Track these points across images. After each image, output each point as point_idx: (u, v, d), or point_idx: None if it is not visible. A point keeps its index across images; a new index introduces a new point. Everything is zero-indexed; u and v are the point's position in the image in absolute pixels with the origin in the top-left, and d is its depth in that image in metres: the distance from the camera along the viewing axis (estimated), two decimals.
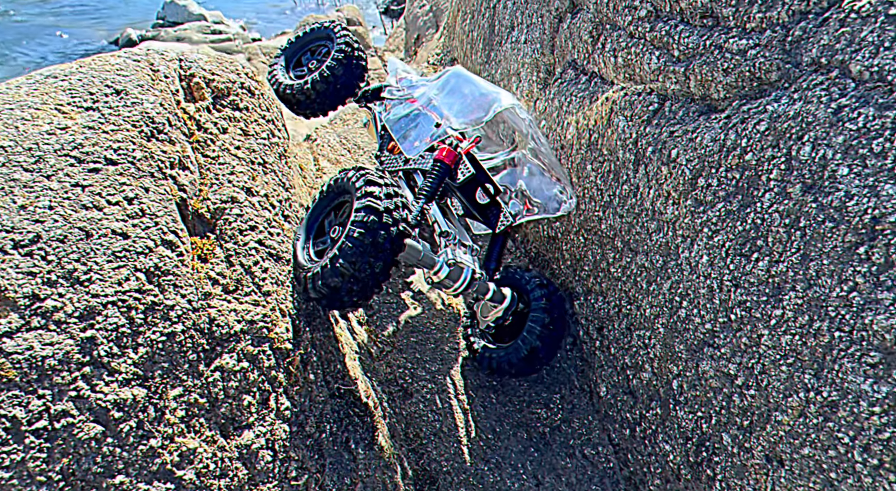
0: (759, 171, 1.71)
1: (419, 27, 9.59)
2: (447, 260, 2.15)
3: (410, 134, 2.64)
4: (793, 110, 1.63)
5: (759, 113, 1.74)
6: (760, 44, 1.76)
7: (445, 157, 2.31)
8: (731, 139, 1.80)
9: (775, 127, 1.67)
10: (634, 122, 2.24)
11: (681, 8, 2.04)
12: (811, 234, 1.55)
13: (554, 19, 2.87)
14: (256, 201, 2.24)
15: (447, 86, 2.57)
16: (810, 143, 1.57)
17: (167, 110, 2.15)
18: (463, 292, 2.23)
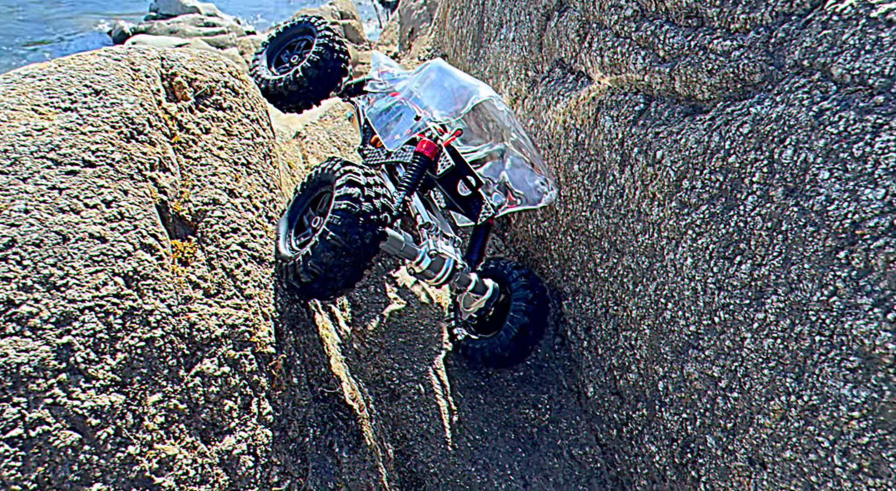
0: (742, 174, 1.70)
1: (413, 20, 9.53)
2: (429, 251, 2.16)
3: (392, 127, 2.65)
4: (775, 113, 1.62)
5: (742, 115, 1.72)
6: (744, 45, 1.75)
7: (426, 150, 2.32)
8: (715, 141, 1.79)
9: (758, 130, 1.66)
10: (620, 123, 2.23)
11: (666, 8, 2.03)
12: (792, 237, 1.54)
13: (542, 17, 2.85)
14: (239, 203, 2.22)
15: (427, 79, 2.58)
16: (792, 146, 1.56)
17: (147, 111, 2.12)
18: (445, 283, 2.25)
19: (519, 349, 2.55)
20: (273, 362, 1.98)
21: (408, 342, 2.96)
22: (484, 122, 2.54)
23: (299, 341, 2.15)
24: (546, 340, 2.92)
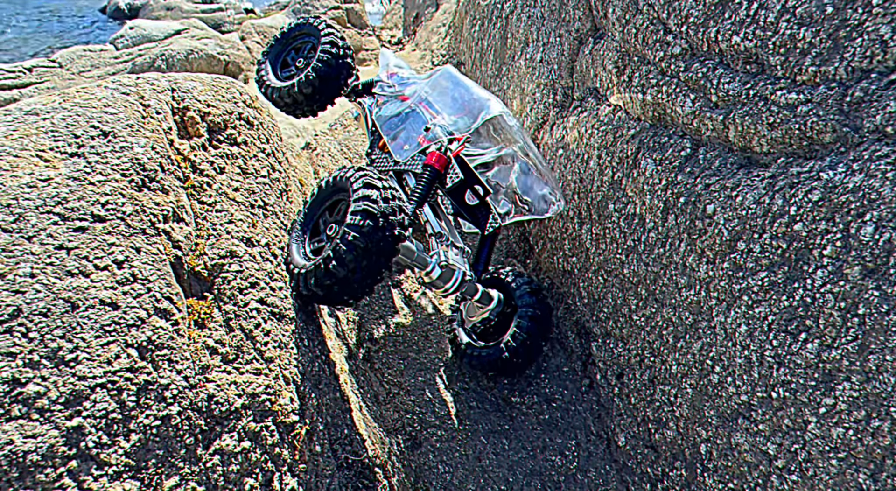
0: (809, 245, 1.56)
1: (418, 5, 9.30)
2: (439, 261, 2.19)
3: (400, 135, 2.63)
4: (852, 183, 1.47)
5: (810, 179, 1.58)
6: (813, 100, 1.60)
7: (436, 163, 2.32)
8: (778, 204, 1.65)
9: (830, 198, 1.51)
10: (664, 167, 2.08)
11: (720, 49, 1.87)
12: (871, 324, 1.40)
13: (574, 41, 2.68)
14: (257, 253, 2.09)
15: (438, 86, 2.57)
16: (873, 223, 1.41)
17: (159, 154, 1.98)
18: (453, 293, 2.28)
19: (522, 358, 2.55)
20: (296, 432, 1.86)
21: (427, 381, 2.84)
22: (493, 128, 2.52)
23: (321, 403, 2.03)
24: (573, 380, 2.79)
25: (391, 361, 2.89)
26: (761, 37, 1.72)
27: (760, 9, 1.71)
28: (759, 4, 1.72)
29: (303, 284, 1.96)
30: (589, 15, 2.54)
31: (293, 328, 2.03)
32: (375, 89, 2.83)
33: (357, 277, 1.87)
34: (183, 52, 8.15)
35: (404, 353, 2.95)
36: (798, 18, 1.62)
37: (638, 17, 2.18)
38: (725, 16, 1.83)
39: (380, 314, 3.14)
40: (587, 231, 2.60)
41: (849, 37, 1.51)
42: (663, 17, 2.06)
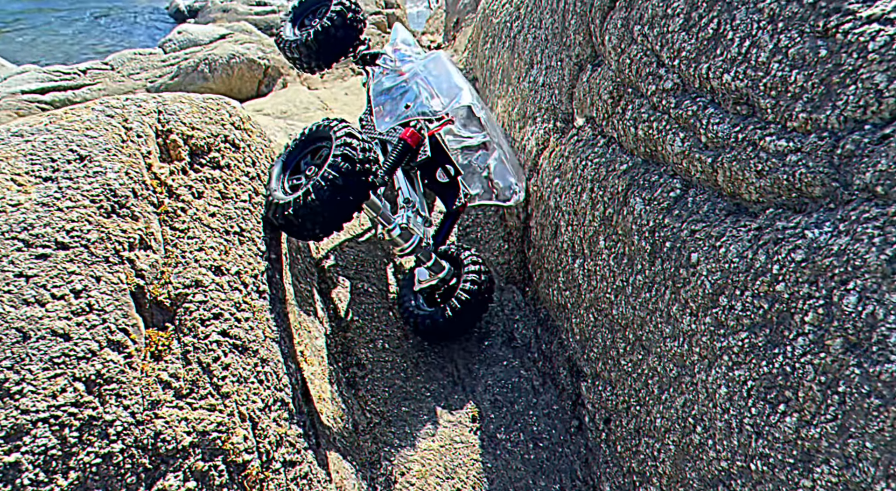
0: (791, 309, 1.42)
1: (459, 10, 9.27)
2: (401, 223, 2.44)
3: (385, 108, 2.82)
4: (837, 245, 1.33)
5: (796, 237, 1.44)
6: (803, 149, 1.46)
7: (409, 138, 2.52)
8: (761, 261, 1.51)
9: (814, 260, 1.38)
10: (653, 208, 1.95)
11: (712, 87, 1.74)
12: (852, 404, 1.26)
13: (574, 67, 2.57)
14: (226, 282, 2.05)
15: (428, 69, 2.78)
16: (856, 292, 1.27)
17: (133, 179, 1.96)
18: (408, 254, 2.55)
19: (456, 325, 2.79)
20: (247, 472, 1.81)
21: (411, 412, 2.76)
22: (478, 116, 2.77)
23: (283, 439, 1.97)
24: (562, 419, 2.67)
25: (376, 389, 2.82)
26: (752, 77, 1.59)
27: (752, 47, 1.59)
28: (752, 42, 1.59)
29: (278, 214, 2.14)
30: (589, 40, 2.43)
31: (257, 361, 1.98)
32: (378, 61, 3.05)
33: (328, 213, 2.03)
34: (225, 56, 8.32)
35: (391, 380, 2.88)
36: (790, 60, 1.49)
37: (633, 47, 2.06)
38: (717, 52, 1.70)
39: (370, 338, 3.08)
40: (580, 266, 2.48)
41: (842, 83, 1.37)
42: (657, 49, 1.94)
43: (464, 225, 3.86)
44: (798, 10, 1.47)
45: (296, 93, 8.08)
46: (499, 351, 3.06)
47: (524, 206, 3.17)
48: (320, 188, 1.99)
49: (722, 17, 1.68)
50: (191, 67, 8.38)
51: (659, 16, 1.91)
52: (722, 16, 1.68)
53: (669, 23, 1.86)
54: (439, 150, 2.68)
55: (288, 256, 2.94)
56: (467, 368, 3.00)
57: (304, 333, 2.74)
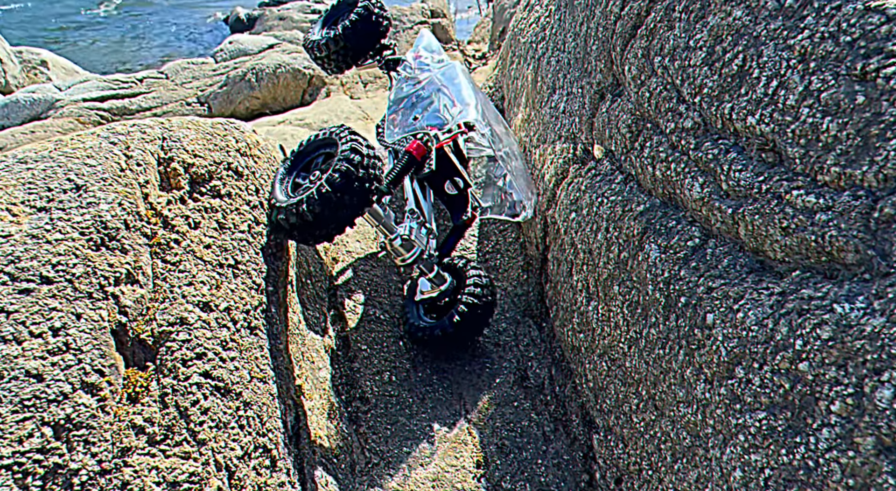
0: (815, 393, 1.24)
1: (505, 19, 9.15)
2: (403, 233, 2.41)
3: (396, 118, 2.81)
4: (871, 326, 1.14)
5: (823, 310, 1.25)
6: (834, 208, 1.27)
7: (415, 151, 2.49)
8: (783, 333, 1.33)
9: (843, 340, 1.19)
10: (669, 257, 1.78)
11: (735, 129, 1.56)
12: None
13: (595, 95, 2.41)
14: (213, 319, 1.97)
15: (442, 80, 2.75)
16: (892, 386, 1.08)
17: (126, 210, 1.91)
18: (409, 265, 2.51)
19: (455, 338, 2.76)
20: None
21: (413, 452, 2.63)
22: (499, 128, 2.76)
23: (262, 487, 1.87)
24: (572, 472, 2.50)
25: (378, 426, 2.70)
26: (779, 121, 1.41)
27: (780, 88, 1.41)
28: (780, 82, 1.41)
29: (273, 217, 2.17)
30: (610, 68, 2.27)
31: (240, 404, 1.89)
32: (399, 68, 3.05)
33: (320, 226, 2.05)
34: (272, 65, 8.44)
35: (395, 416, 2.76)
36: (822, 105, 1.30)
37: (653, 79, 1.89)
38: (741, 91, 1.52)
39: (378, 370, 2.97)
40: (594, 309, 2.31)
41: (882, 136, 1.18)
42: (677, 83, 1.77)
43: (483, 251, 3.72)
44: (833, 50, 1.29)
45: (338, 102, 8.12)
46: (510, 390, 2.90)
47: (542, 238, 3.01)
48: (320, 193, 1.99)
49: (748, 52, 1.51)
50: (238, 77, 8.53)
51: (681, 47, 1.74)
52: (748, 51, 1.51)
53: (691, 56, 1.70)
54: (447, 162, 2.67)
55: (297, 281, 2.87)
56: (476, 407, 2.86)
57: (306, 364, 2.65)
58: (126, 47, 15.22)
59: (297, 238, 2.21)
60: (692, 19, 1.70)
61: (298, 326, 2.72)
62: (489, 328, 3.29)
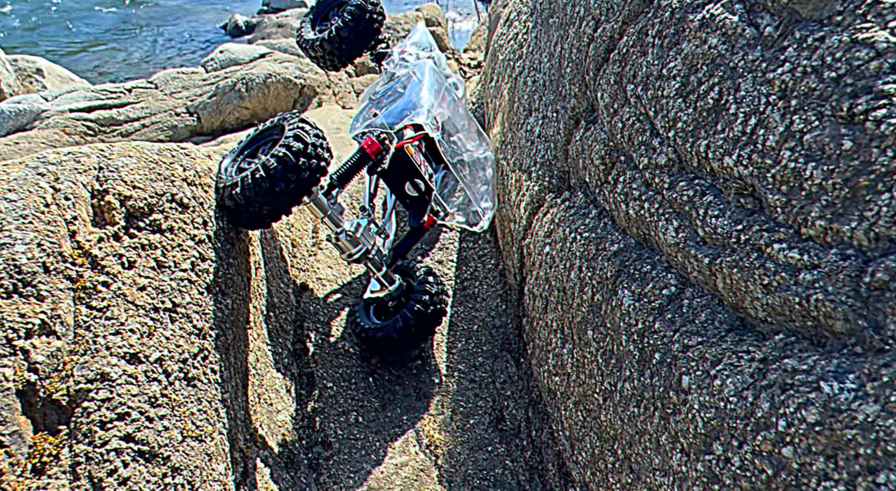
0: (802, 485, 1.06)
1: None
2: (348, 229, 2.35)
3: (363, 112, 2.77)
4: (863, 413, 0.97)
5: (808, 386, 1.08)
6: (820, 267, 1.10)
7: (367, 147, 2.45)
8: (764, 409, 1.15)
9: (832, 427, 1.01)
10: (643, 306, 1.61)
11: (712, 169, 1.40)
12: None
13: (569, 120, 2.25)
14: (141, 371, 1.79)
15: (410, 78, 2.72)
16: (889, 486, 0.91)
17: (46, 251, 1.73)
18: (353, 262, 2.47)
19: (398, 342, 2.69)
20: None
21: None
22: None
23: None
24: None
25: (340, 474, 2.52)
26: (758, 164, 1.24)
27: (759, 126, 1.24)
28: (759, 120, 1.24)
29: (219, 194, 2.13)
30: (584, 92, 2.11)
31: (167, 470, 1.71)
32: (384, 61, 3.01)
33: (255, 210, 2.02)
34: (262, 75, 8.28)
35: (359, 463, 2.57)
36: (805, 149, 1.14)
37: (626, 108, 1.73)
38: (718, 127, 1.36)
39: (343, 410, 2.79)
40: (569, 352, 2.14)
41: (872, 188, 1.02)
42: (650, 115, 1.61)
43: (461, 277, 3.55)
44: (816, 86, 1.13)
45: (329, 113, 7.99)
46: (485, 433, 2.72)
47: (519, 268, 2.84)
48: (254, 177, 1.97)
49: (724, 84, 1.35)
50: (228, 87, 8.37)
51: (654, 76, 1.58)
52: (724, 83, 1.35)
53: (665, 86, 1.53)
54: (406, 163, 2.64)
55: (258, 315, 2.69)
56: (448, 451, 2.67)
57: (262, 407, 2.47)
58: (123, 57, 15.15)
59: (233, 221, 2.19)
60: (665, 45, 1.54)
61: (255, 364, 2.54)
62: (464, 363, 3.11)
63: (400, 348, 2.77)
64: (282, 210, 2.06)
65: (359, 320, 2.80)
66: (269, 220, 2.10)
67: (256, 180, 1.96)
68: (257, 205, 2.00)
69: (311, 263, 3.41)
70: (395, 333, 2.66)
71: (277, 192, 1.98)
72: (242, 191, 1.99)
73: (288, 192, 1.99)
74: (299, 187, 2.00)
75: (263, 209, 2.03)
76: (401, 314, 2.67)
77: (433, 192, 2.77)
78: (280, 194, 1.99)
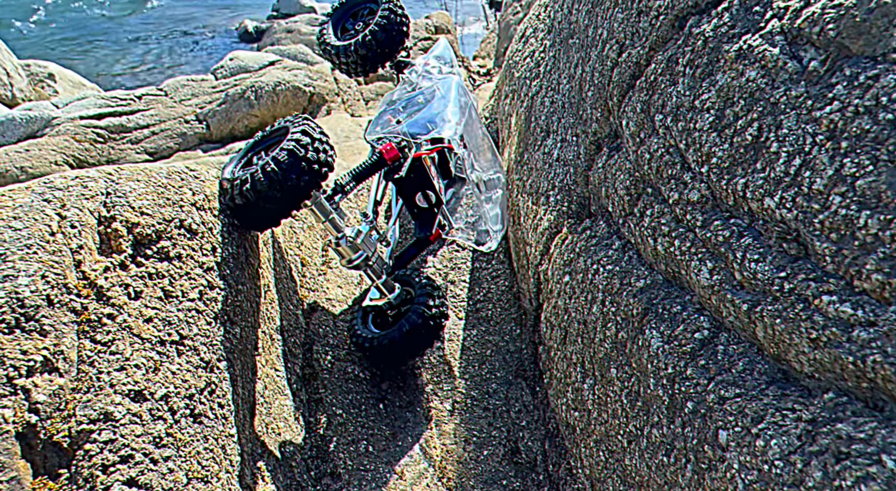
0: None
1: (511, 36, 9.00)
2: (349, 235, 2.32)
3: (382, 116, 2.74)
4: None
5: (867, 459, 0.99)
6: (877, 325, 1.02)
7: (385, 153, 2.43)
8: (815, 478, 1.06)
9: None
10: (673, 349, 1.52)
11: (749, 209, 1.31)
12: None
13: (590, 145, 2.17)
14: (146, 410, 1.72)
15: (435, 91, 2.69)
16: None
17: (50, 283, 1.67)
18: (352, 268, 2.43)
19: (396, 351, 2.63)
20: None
21: None
22: None
23: None
24: None
25: None
26: (804, 208, 1.16)
27: (804, 168, 1.16)
28: (804, 161, 1.16)
29: (224, 196, 2.10)
30: (607, 118, 2.04)
31: None
32: (406, 71, 2.98)
33: (265, 205, 2.00)
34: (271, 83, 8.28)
35: None
36: (858, 194, 1.05)
37: (653, 138, 1.65)
38: (757, 166, 1.28)
39: (353, 438, 2.71)
40: (589, 388, 2.05)
41: None
42: (681, 148, 1.52)
43: (474, 299, 3.47)
44: (871, 128, 1.05)
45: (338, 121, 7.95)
46: (499, 466, 2.63)
47: (535, 293, 2.76)
48: (267, 168, 1.94)
49: (764, 121, 1.26)
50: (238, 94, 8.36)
51: (685, 107, 1.50)
52: (764, 119, 1.26)
53: (697, 118, 1.45)
54: (422, 174, 2.62)
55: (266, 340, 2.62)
56: (461, 484, 2.58)
57: (270, 438, 2.40)
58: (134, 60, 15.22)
59: (241, 221, 2.15)
60: (698, 75, 1.46)
61: (264, 392, 2.47)
62: (478, 389, 3.03)
63: (403, 356, 2.72)
64: (292, 205, 2.04)
65: (358, 330, 2.75)
66: (279, 216, 2.08)
67: (267, 173, 1.92)
68: (268, 200, 1.97)
69: (320, 283, 3.35)
70: (400, 340, 2.60)
71: (289, 186, 1.95)
72: (253, 186, 1.95)
73: (298, 186, 1.96)
74: (309, 180, 1.98)
75: (274, 205, 2.00)
76: (398, 326, 2.62)
77: (442, 205, 2.76)
78: (291, 188, 1.96)
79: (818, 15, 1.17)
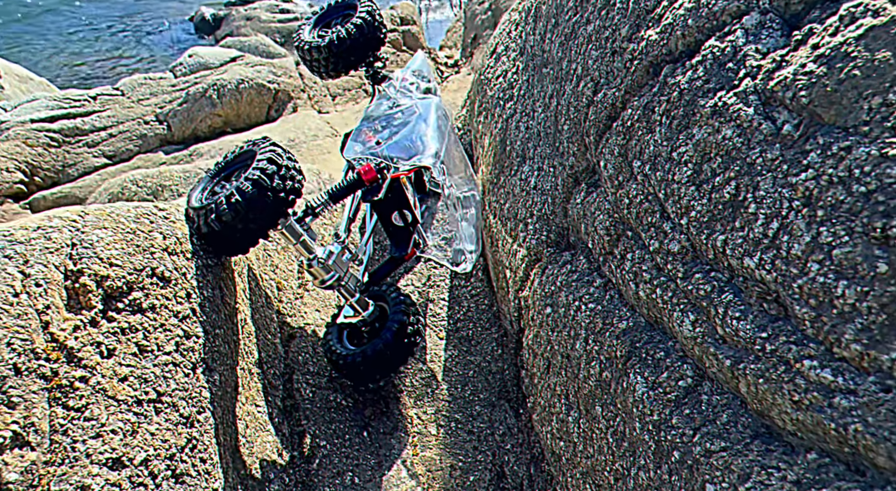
0: None
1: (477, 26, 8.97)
2: (320, 256, 2.33)
3: (361, 135, 2.76)
4: None
5: None
6: (857, 393, 1.04)
7: (364, 174, 2.43)
8: None
9: None
10: (658, 396, 1.54)
11: (730, 265, 1.33)
12: None
13: (568, 178, 2.18)
14: (125, 478, 1.68)
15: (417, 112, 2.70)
16: None
17: (17, 351, 1.61)
18: (326, 288, 2.43)
19: (370, 368, 2.64)
20: None
21: None
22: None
23: None
24: None
25: None
26: (783, 272, 1.18)
27: (782, 231, 1.18)
28: (781, 225, 1.18)
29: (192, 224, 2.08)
30: (583, 153, 2.04)
31: None
32: (384, 85, 2.98)
33: (231, 235, 2.00)
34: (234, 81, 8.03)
35: None
36: (835, 264, 1.08)
37: (632, 184, 1.67)
38: (736, 224, 1.30)
39: (338, 470, 2.70)
40: (574, 420, 2.07)
41: None
42: (661, 197, 1.54)
43: (454, 318, 3.47)
44: (845, 199, 1.07)
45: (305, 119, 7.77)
46: None
47: (517, 318, 2.77)
48: (231, 199, 1.94)
49: (741, 180, 1.28)
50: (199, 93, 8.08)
51: (662, 157, 1.51)
52: (741, 179, 1.28)
53: (675, 170, 1.47)
54: (400, 193, 2.66)
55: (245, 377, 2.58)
56: None
57: (254, 481, 2.37)
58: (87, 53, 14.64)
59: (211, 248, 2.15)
60: (674, 127, 1.48)
61: (245, 432, 2.44)
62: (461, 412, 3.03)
63: (378, 373, 2.72)
64: (259, 234, 2.05)
65: (333, 346, 2.73)
66: (247, 244, 2.10)
67: (232, 204, 1.92)
68: (234, 230, 1.97)
69: (297, 307, 3.30)
70: (374, 357, 2.60)
71: (254, 217, 1.95)
72: (218, 217, 1.95)
73: (263, 216, 1.97)
74: (275, 209, 1.99)
75: (240, 234, 2.00)
76: (380, 336, 2.62)
77: (418, 225, 2.78)
78: (256, 218, 1.96)
79: (790, 80, 1.19)
